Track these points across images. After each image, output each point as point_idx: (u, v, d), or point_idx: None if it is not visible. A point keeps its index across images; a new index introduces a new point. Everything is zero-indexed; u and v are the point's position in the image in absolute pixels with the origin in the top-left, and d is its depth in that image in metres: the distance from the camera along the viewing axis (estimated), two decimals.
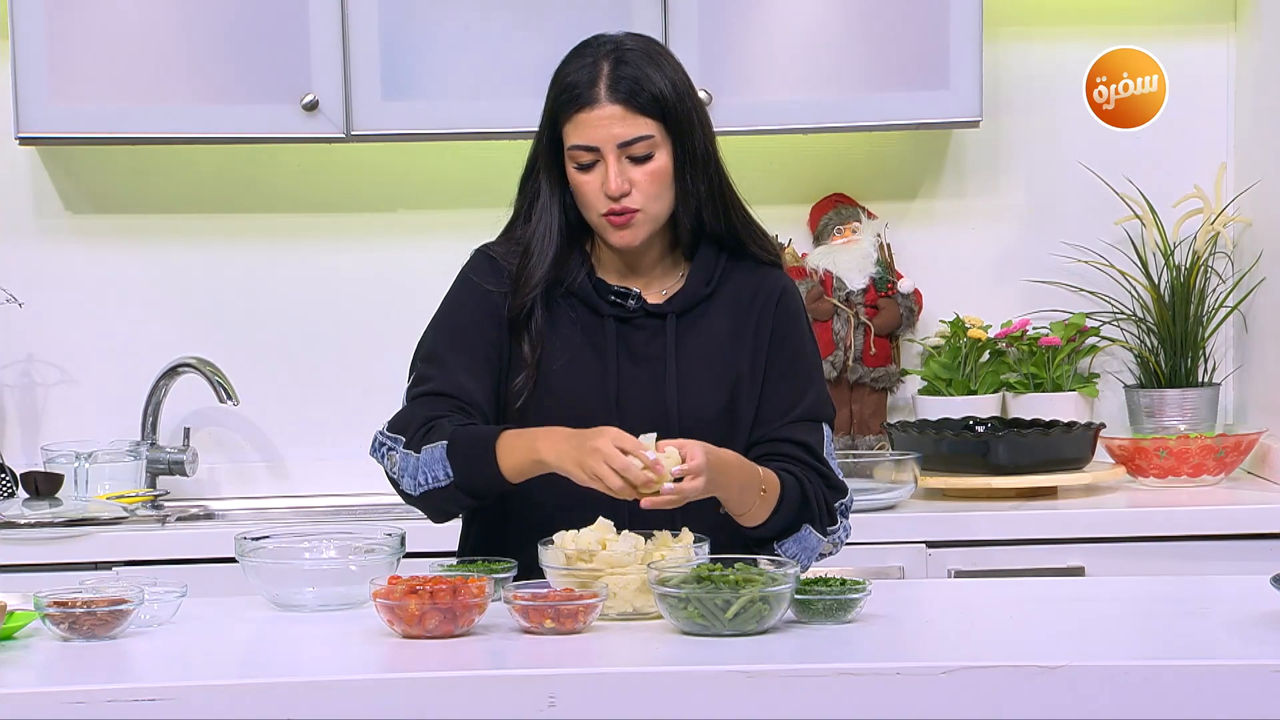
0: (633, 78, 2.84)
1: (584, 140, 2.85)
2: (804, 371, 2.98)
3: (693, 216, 2.93)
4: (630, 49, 2.87)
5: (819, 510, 2.90)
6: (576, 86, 2.86)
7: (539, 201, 2.94)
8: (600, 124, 2.84)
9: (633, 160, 2.86)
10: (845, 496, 2.97)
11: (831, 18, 4.10)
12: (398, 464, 2.85)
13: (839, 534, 2.96)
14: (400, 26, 4.04)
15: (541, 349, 2.91)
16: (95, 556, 3.77)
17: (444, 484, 2.81)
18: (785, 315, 2.98)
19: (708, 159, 2.91)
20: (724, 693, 2.35)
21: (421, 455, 2.82)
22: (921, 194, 4.48)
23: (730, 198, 2.95)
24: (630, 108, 2.84)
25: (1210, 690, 2.35)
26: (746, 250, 2.98)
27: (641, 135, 2.85)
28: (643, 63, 2.86)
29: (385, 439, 2.88)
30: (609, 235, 2.90)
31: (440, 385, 2.89)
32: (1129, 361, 4.45)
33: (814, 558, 2.94)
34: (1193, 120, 4.45)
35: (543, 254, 2.93)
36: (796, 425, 2.94)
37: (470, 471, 2.79)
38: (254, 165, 4.37)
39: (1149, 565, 3.79)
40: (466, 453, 2.79)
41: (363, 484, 4.19)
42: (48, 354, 4.37)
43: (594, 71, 2.85)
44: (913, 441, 4.09)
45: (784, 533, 2.88)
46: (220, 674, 2.47)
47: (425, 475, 2.82)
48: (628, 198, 2.86)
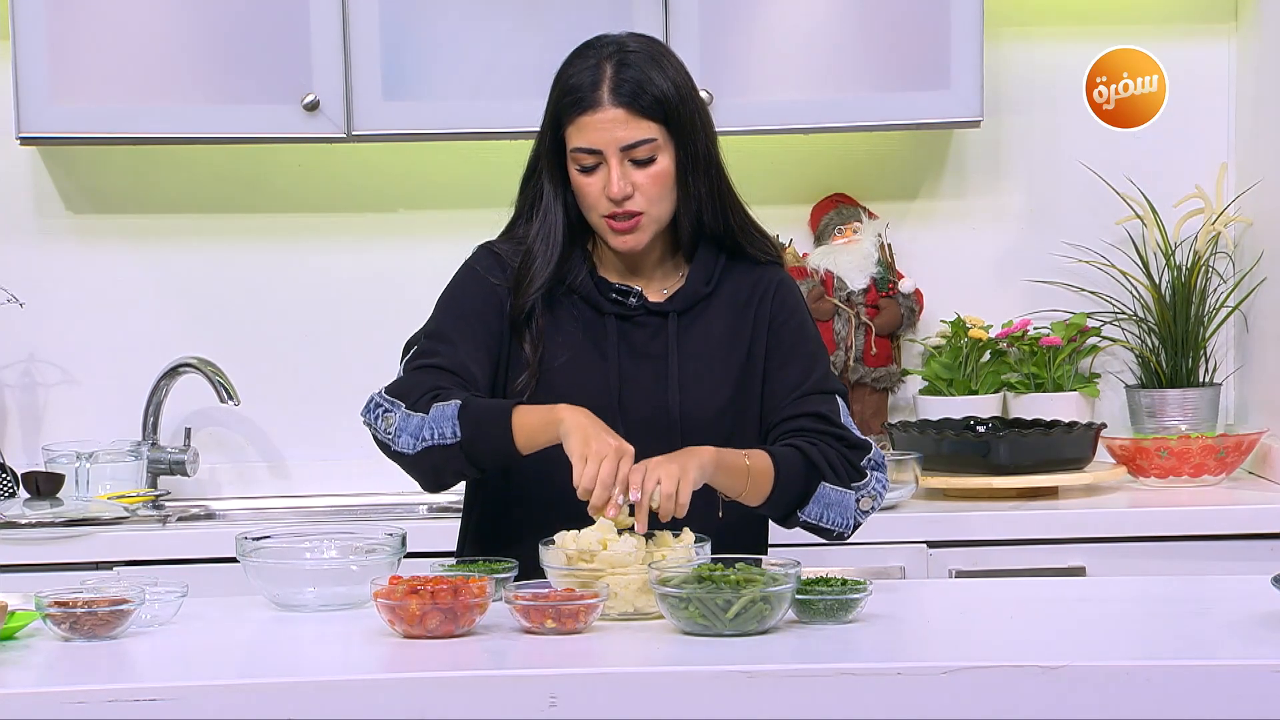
0: (636, 80, 2.84)
1: (586, 143, 2.85)
2: (808, 352, 2.97)
3: (693, 217, 2.93)
4: (633, 50, 2.87)
5: (832, 468, 2.86)
6: (579, 89, 2.85)
7: (541, 202, 2.93)
8: (603, 127, 2.84)
9: (635, 163, 2.85)
10: (870, 452, 2.92)
11: (832, 18, 4.10)
12: (395, 424, 2.81)
13: (872, 485, 2.91)
14: (401, 27, 4.04)
15: (543, 347, 2.91)
16: (96, 556, 3.77)
17: (449, 442, 2.76)
18: (782, 305, 2.98)
19: (709, 161, 2.91)
20: (725, 693, 2.35)
21: (431, 413, 2.78)
22: (922, 194, 4.48)
23: (730, 199, 2.95)
24: (633, 111, 2.84)
25: (1210, 690, 2.35)
26: (745, 251, 2.98)
27: (644, 139, 2.85)
28: (646, 65, 2.85)
29: (383, 401, 2.84)
30: (611, 239, 2.90)
31: (445, 362, 2.87)
32: (1130, 361, 4.45)
33: (851, 515, 2.89)
34: (1193, 120, 4.45)
35: (547, 256, 2.92)
36: (807, 399, 2.92)
37: (480, 434, 2.76)
38: (255, 165, 4.37)
39: (1150, 565, 3.79)
40: (480, 416, 2.76)
41: (364, 484, 4.20)
42: (49, 354, 4.37)
43: (597, 74, 2.85)
44: (914, 441, 4.09)
45: (801, 500, 2.86)
46: (221, 674, 2.47)
47: (432, 431, 2.77)
48: (630, 200, 2.86)
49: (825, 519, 2.87)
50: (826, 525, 2.89)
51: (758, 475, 2.82)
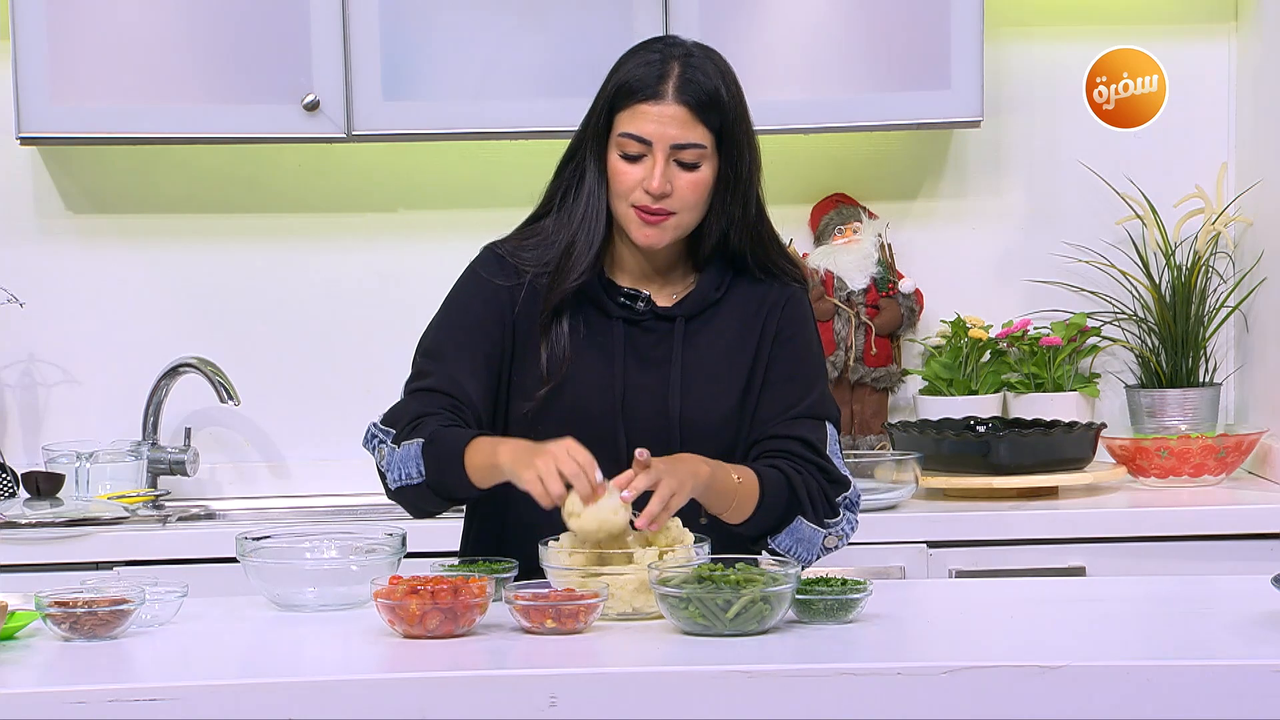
0: (701, 84, 2.83)
1: (638, 131, 2.83)
2: (808, 373, 2.96)
3: (720, 234, 2.92)
4: (700, 58, 2.86)
5: (812, 502, 2.87)
6: (644, 79, 2.84)
7: (583, 188, 2.90)
8: (660, 120, 2.83)
9: (680, 165, 2.84)
10: (849, 490, 2.93)
11: (833, 18, 4.10)
12: (385, 458, 2.84)
13: (841, 526, 2.93)
14: (401, 27, 4.04)
15: (565, 361, 2.90)
16: (96, 556, 3.77)
17: (416, 482, 2.80)
18: (790, 319, 2.97)
19: (749, 185, 2.90)
20: (725, 693, 2.35)
21: (399, 451, 2.81)
22: (922, 194, 4.48)
23: (761, 229, 2.94)
24: (693, 112, 2.83)
25: (1210, 690, 2.35)
26: (765, 273, 2.97)
27: (695, 143, 2.84)
28: (713, 74, 2.85)
29: (378, 432, 2.87)
30: (634, 230, 2.88)
31: (436, 381, 2.88)
32: (1130, 361, 4.45)
33: (816, 552, 2.91)
34: (1193, 120, 4.45)
35: (589, 240, 2.89)
36: (797, 422, 2.92)
37: (440, 471, 2.78)
38: (255, 165, 4.37)
39: (1150, 565, 3.79)
40: (439, 453, 2.78)
41: (363, 484, 4.19)
42: (49, 354, 4.37)
43: (664, 69, 2.84)
44: (914, 441, 4.09)
45: (776, 527, 2.87)
46: (221, 674, 2.47)
47: (400, 471, 2.81)
48: (666, 200, 2.85)
49: (793, 551, 2.88)
50: (791, 558, 2.88)
51: (744, 499, 2.82)
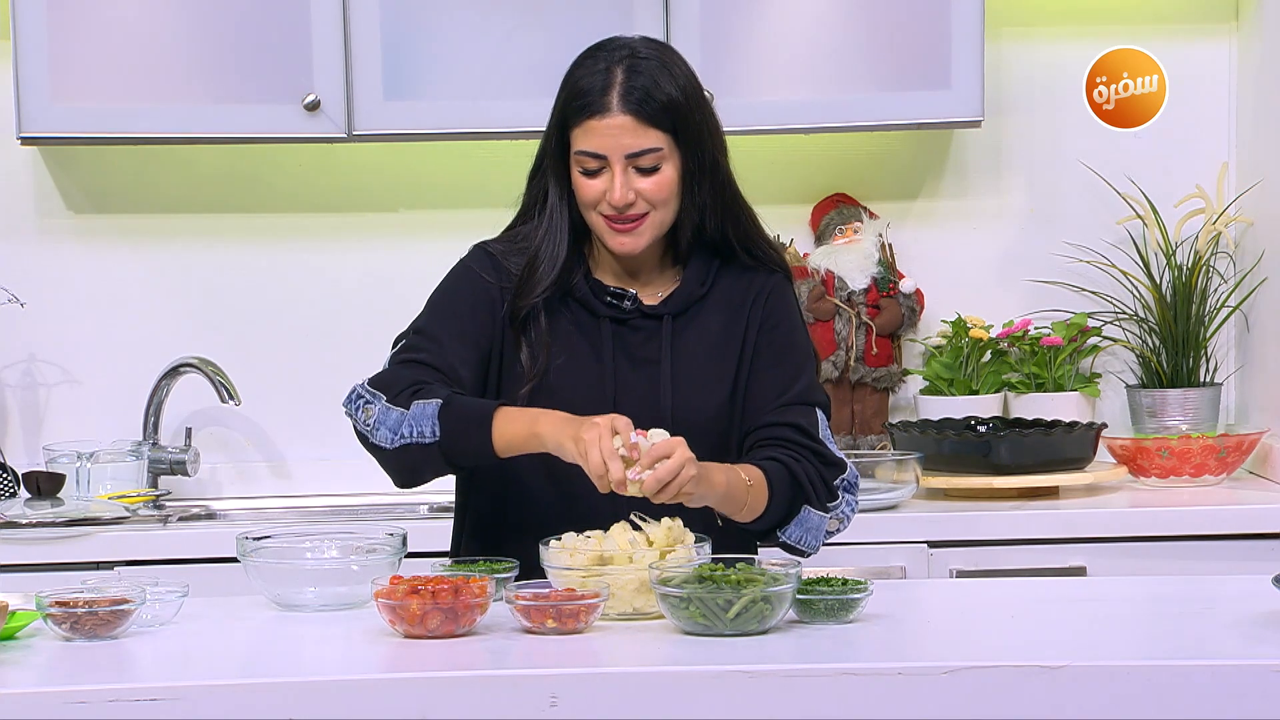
0: (645, 88, 2.81)
1: (592, 148, 2.83)
2: (794, 360, 2.96)
3: (694, 224, 2.92)
4: (644, 57, 2.84)
5: (813, 489, 2.87)
6: (588, 93, 2.82)
7: (547, 202, 2.91)
8: (609, 133, 2.82)
9: (639, 171, 2.84)
10: (845, 471, 2.92)
11: (833, 18, 4.10)
12: (375, 416, 2.81)
13: (842, 509, 2.92)
14: (402, 27, 4.04)
15: (543, 354, 2.90)
16: (97, 556, 3.77)
17: (427, 441, 2.77)
18: (774, 308, 2.96)
19: (715, 169, 2.89)
20: (725, 693, 2.35)
21: (411, 410, 2.78)
22: (923, 194, 4.48)
23: (735, 207, 2.93)
24: (641, 119, 2.81)
25: (1211, 690, 2.35)
26: (749, 255, 2.97)
27: (650, 148, 2.82)
28: (657, 72, 2.83)
29: (364, 392, 2.85)
30: (609, 239, 2.88)
31: (431, 359, 2.86)
32: (1131, 361, 4.45)
33: (821, 537, 2.90)
34: (1194, 120, 4.45)
35: (552, 258, 2.90)
36: (788, 409, 2.91)
37: (459, 434, 2.76)
38: (255, 165, 4.37)
39: (1150, 565, 3.79)
40: (460, 416, 2.77)
41: (364, 484, 4.19)
42: (49, 354, 4.37)
43: (607, 78, 2.82)
44: (914, 441, 4.09)
45: (784, 520, 2.87)
46: (221, 674, 2.47)
47: (411, 429, 2.78)
48: (634, 205, 2.85)
49: (802, 541, 2.88)
50: (800, 547, 2.89)
51: (755, 499, 2.83)
